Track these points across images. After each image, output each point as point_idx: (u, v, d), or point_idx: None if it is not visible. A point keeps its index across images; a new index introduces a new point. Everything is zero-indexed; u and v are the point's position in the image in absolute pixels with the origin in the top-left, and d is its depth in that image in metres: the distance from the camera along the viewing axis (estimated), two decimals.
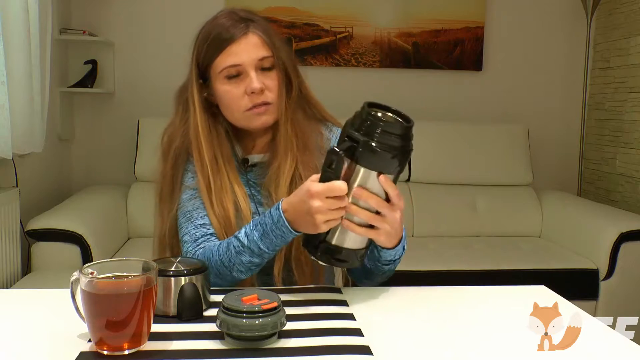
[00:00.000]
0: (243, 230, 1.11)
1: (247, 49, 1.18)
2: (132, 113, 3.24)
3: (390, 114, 0.99)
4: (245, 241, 1.09)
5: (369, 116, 0.97)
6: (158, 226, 1.29)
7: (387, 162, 0.97)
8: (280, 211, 1.05)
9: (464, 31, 3.51)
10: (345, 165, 0.98)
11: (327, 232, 1.02)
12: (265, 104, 1.20)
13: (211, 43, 1.19)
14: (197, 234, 1.20)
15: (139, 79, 3.35)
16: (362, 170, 0.97)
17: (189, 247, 1.19)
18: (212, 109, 1.25)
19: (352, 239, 1.02)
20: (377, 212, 0.99)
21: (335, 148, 0.97)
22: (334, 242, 1.02)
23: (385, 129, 0.95)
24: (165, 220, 1.27)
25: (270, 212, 1.07)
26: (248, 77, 1.18)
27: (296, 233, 1.05)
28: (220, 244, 1.14)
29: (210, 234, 1.20)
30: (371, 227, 1.00)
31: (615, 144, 3.36)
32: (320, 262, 1.04)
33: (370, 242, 1.05)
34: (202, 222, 1.21)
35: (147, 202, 1.37)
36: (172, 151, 1.26)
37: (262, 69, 1.20)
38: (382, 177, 0.97)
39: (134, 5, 3.32)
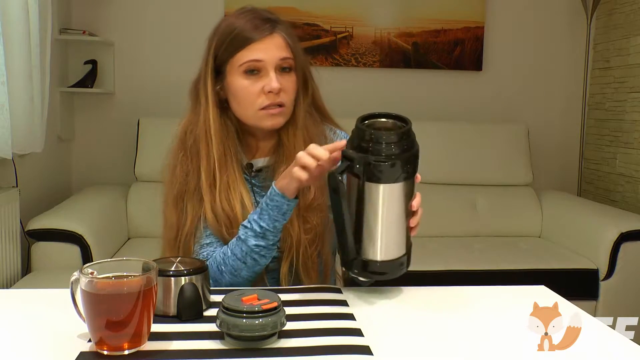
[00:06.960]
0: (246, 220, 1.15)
1: (271, 48, 1.19)
2: (132, 113, 3.24)
3: (382, 122, 0.99)
4: (248, 225, 1.13)
5: (360, 131, 0.97)
6: (175, 224, 1.23)
7: (390, 170, 0.96)
8: (273, 186, 1.10)
9: (464, 31, 3.51)
10: (354, 185, 0.98)
11: (360, 248, 1.01)
12: (280, 105, 1.20)
13: (235, 38, 1.18)
14: (204, 253, 1.21)
15: (139, 79, 3.35)
16: (371, 185, 0.97)
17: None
18: (222, 104, 1.24)
19: (385, 250, 1.02)
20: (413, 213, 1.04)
21: (332, 171, 0.98)
22: (369, 256, 1.02)
23: (377, 139, 0.95)
24: (188, 217, 1.21)
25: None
26: (267, 76, 1.18)
27: (288, 200, 1.09)
28: (230, 242, 1.17)
29: (212, 250, 1.21)
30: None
31: (615, 144, 3.36)
32: (360, 279, 1.05)
33: (409, 249, 1.06)
34: (208, 242, 1.22)
35: (147, 202, 1.37)
36: (195, 149, 1.24)
37: (281, 69, 1.20)
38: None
39: (134, 5, 3.32)
